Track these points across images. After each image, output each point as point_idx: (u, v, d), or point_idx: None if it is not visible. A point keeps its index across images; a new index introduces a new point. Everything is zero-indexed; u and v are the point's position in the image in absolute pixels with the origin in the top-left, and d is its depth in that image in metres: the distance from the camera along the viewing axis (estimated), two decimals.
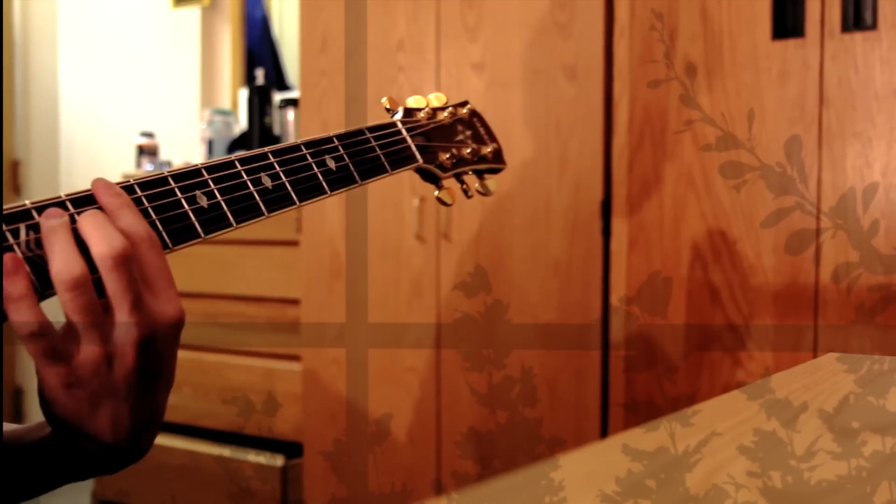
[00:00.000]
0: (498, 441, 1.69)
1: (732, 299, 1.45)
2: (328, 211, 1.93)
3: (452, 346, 1.77)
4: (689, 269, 1.49)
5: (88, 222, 0.58)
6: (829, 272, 1.36)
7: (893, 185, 1.33)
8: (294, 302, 2.04)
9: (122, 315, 0.58)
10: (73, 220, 0.59)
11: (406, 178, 1.80)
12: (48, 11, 3.29)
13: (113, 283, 0.57)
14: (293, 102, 2.52)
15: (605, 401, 1.59)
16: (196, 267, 2.25)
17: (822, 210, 1.36)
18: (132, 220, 0.60)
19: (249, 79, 2.89)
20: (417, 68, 1.80)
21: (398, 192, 1.82)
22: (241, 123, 2.78)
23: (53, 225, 0.57)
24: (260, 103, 2.62)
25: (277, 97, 2.68)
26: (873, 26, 1.33)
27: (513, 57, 1.69)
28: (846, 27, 1.35)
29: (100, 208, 0.60)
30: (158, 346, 0.60)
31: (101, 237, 0.57)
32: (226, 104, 2.98)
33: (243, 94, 2.84)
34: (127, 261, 0.57)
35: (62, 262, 0.56)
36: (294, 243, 2.02)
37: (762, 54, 1.42)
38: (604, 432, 1.61)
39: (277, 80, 2.90)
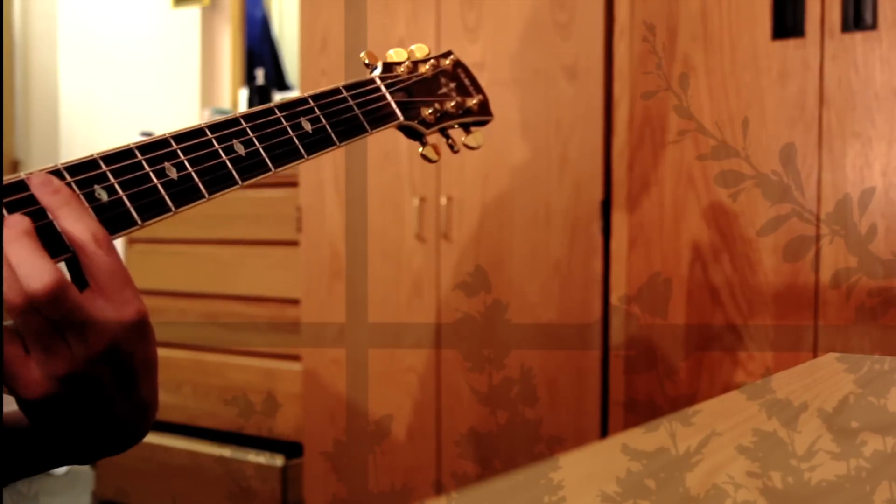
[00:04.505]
0: (498, 441, 1.69)
1: (732, 299, 1.45)
2: (328, 211, 1.93)
3: (452, 346, 1.77)
4: (689, 269, 1.48)
5: (13, 251, 0.53)
6: (828, 277, 1.36)
7: (893, 185, 1.33)
8: (294, 302, 2.04)
9: (72, 337, 0.54)
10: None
11: (406, 178, 1.80)
12: (48, 11, 3.29)
13: (50, 314, 0.53)
14: None
15: (605, 401, 1.59)
16: (196, 267, 2.25)
17: (819, 217, 1.36)
18: (74, 221, 0.56)
19: (249, 79, 2.89)
20: None
21: (398, 192, 1.82)
22: None
23: None
24: (260, 103, 2.62)
25: (277, 97, 2.68)
26: (873, 26, 1.33)
27: (513, 57, 1.69)
28: (846, 27, 1.35)
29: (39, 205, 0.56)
30: (124, 348, 0.56)
31: (27, 272, 0.53)
32: (226, 104, 2.98)
33: (243, 94, 2.84)
34: (57, 294, 0.53)
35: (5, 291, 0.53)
36: (294, 243, 2.02)
37: (762, 54, 1.42)
38: (604, 432, 1.61)
39: (277, 80, 2.90)
